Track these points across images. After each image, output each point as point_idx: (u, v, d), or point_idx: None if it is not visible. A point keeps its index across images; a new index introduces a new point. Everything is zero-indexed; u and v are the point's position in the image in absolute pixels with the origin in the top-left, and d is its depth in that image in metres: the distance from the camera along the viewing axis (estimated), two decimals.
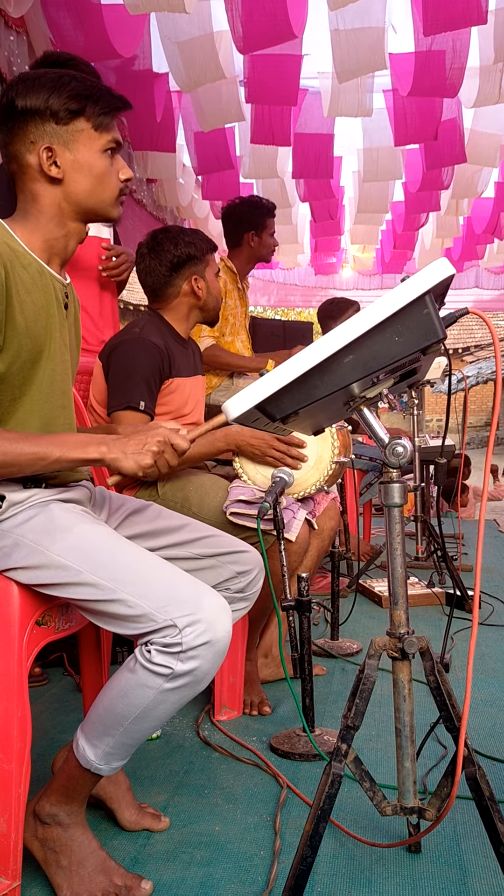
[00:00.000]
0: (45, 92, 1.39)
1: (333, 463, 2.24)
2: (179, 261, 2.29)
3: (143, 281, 2.36)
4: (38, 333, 1.39)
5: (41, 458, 1.33)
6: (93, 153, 1.42)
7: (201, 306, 2.36)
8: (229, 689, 2.21)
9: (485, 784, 1.24)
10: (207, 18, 3.67)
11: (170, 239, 2.30)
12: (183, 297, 2.33)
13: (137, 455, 1.37)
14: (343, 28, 3.68)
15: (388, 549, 1.30)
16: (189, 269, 2.31)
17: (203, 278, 2.33)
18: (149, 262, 2.32)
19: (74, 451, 1.36)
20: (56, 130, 1.40)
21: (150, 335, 2.20)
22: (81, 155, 1.41)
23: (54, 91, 1.39)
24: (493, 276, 7.96)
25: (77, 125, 1.41)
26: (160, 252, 2.30)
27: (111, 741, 1.35)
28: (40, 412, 1.43)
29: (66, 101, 1.39)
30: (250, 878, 1.45)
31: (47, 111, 1.38)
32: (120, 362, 2.18)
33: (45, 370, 1.43)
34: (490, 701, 2.31)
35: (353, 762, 1.29)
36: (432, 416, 23.93)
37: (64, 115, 1.39)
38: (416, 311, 1.11)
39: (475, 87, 4.27)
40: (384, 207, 5.92)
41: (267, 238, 3.49)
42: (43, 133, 1.40)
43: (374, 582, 3.67)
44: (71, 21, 3.31)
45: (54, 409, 1.47)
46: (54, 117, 1.39)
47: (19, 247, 1.40)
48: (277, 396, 1.18)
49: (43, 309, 1.41)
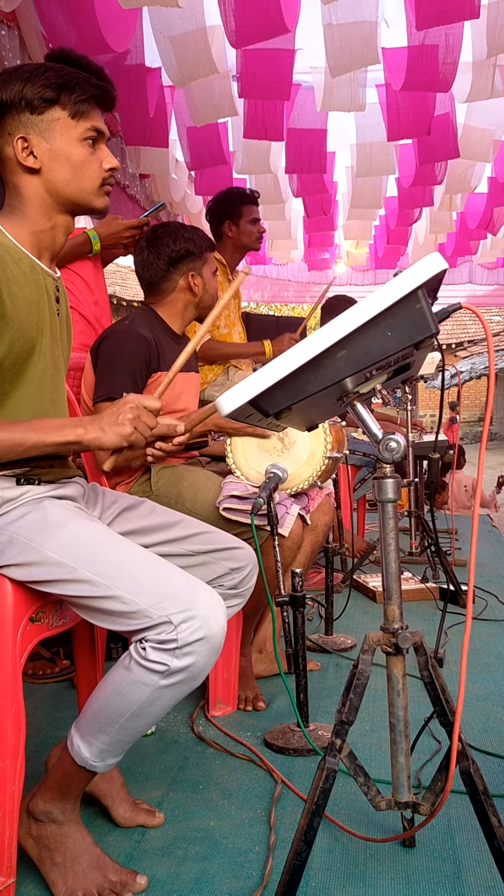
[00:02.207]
0: (20, 83, 1.38)
1: (326, 458, 2.24)
2: (178, 256, 2.30)
3: (140, 274, 2.36)
4: (29, 328, 1.39)
5: (18, 444, 1.32)
6: (70, 142, 1.41)
7: (197, 303, 2.37)
8: (224, 684, 2.21)
9: (479, 778, 1.24)
10: (200, 13, 3.65)
11: (169, 234, 2.31)
12: (179, 293, 2.34)
13: (115, 427, 1.37)
14: (336, 22, 3.66)
15: (381, 545, 1.30)
16: (186, 265, 2.32)
17: (200, 275, 2.33)
18: (147, 256, 2.33)
19: (51, 435, 1.35)
20: (31, 120, 1.39)
21: (138, 327, 2.21)
22: (58, 144, 1.40)
23: (29, 81, 1.38)
24: (487, 272, 7.95)
25: (52, 114, 1.40)
26: (159, 246, 2.31)
27: (106, 738, 1.35)
28: (31, 406, 1.43)
29: (40, 89, 1.38)
30: (245, 873, 1.45)
31: (22, 101, 1.38)
32: (106, 353, 2.18)
33: (37, 365, 1.43)
34: (484, 695, 2.31)
35: (348, 757, 1.29)
36: (426, 412, 23.97)
37: (38, 103, 1.38)
38: (409, 305, 1.11)
39: (468, 81, 4.26)
40: (377, 203, 5.91)
41: (245, 225, 3.47)
42: (19, 124, 1.39)
43: (369, 577, 3.67)
44: (63, 15, 3.28)
45: (45, 403, 1.46)
46: (29, 107, 1.38)
47: (9, 242, 1.39)
48: (270, 392, 1.17)
49: (34, 304, 1.40)
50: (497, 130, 4.95)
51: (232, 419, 1.23)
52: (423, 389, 22.49)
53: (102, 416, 1.39)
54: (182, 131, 4.85)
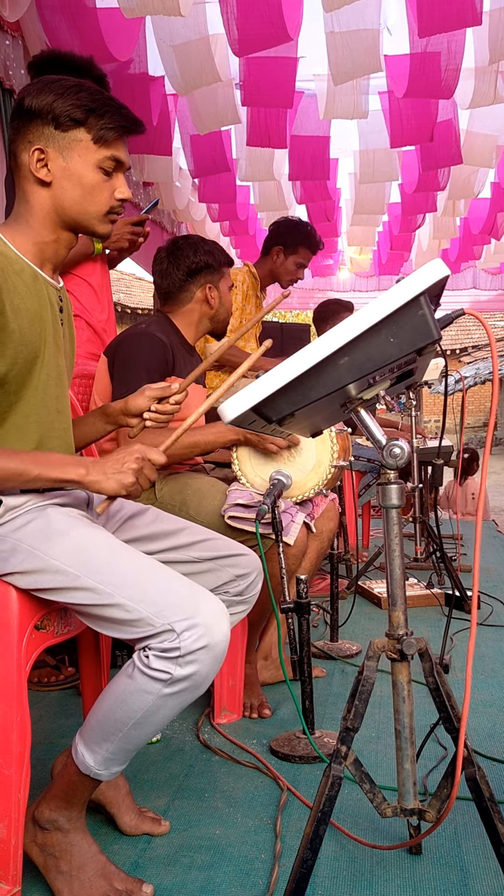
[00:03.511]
0: (53, 96, 1.39)
1: (332, 467, 2.24)
2: (197, 267, 2.33)
3: (157, 283, 2.39)
4: (32, 339, 1.39)
5: (20, 475, 1.34)
6: (86, 165, 1.42)
7: (212, 316, 2.39)
8: (229, 692, 2.21)
9: (485, 785, 1.24)
10: (203, 21, 3.67)
11: (190, 245, 2.35)
12: (195, 304, 2.36)
13: (118, 475, 1.38)
14: (338, 30, 3.67)
15: (386, 551, 1.29)
16: (204, 278, 2.35)
17: (217, 288, 2.36)
18: (166, 266, 2.36)
19: (53, 471, 1.36)
20: (54, 135, 1.40)
21: (156, 331, 2.23)
22: (74, 164, 1.41)
23: (62, 96, 1.39)
24: (490, 277, 7.96)
25: (76, 134, 1.40)
26: (179, 257, 2.34)
27: (110, 747, 1.35)
28: (36, 417, 1.43)
29: (70, 108, 1.39)
30: (251, 881, 1.45)
31: (49, 115, 1.39)
32: (125, 355, 2.19)
33: (41, 375, 1.43)
34: (490, 702, 2.30)
35: (353, 764, 1.29)
36: (430, 417, 23.94)
37: (65, 120, 1.39)
38: (411, 312, 1.11)
39: (471, 88, 4.27)
40: (381, 209, 5.92)
41: (291, 263, 3.47)
42: (41, 135, 1.40)
43: (373, 583, 3.67)
44: (66, 25, 3.31)
45: (50, 413, 1.47)
46: (55, 121, 1.39)
47: (12, 253, 1.40)
48: (273, 398, 1.18)
49: (37, 315, 1.41)
50: (500, 136, 4.96)
51: (235, 425, 1.23)
52: (428, 395, 22.47)
53: (107, 460, 1.40)
54: (185, 139, 4.88)
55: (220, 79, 3.87)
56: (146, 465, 1.41)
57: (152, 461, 1.42)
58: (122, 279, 18.02)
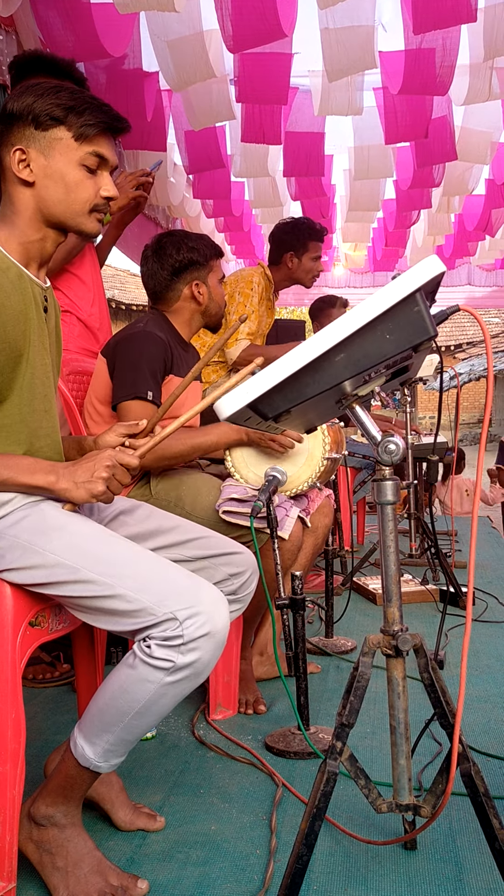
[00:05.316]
0: (32, 97, 1.40)
1: (325, 459, 2.24)
2: (181, 265, 2.30)
3: (145, 284, 2.37)
4: (16, 338, 1.39)
5: None
6: (68, 163, 1.42)
7: (203, 311, 2.37)
8: (224, 687, 2.21)
9: (480, 780, 1.24)
10: (197, 17, 3.65)
11: (173, 243, 2.31)
12: (184, 302, 2.34)
13: (88, 483, 1.38)
14: (333, 27, 3.67)
15: (381, 547, 1.30)
16: (191, 274, 2.31)
17: (205, 283, 2.33)
18: (151, 266, 2.34)
19: (23, 476, 1.37)
20: (35, 135, 1.41)
21: (154, 329, 2.21)
22: (56, 162, 1.41)
23: (41, 97, 1.40)
24: (485, 273, 7.96)
25: (56, 133, 1.41)
26: (163, 256, 2.31)
27: (111, 738, 1.35)
28: (22, 416, 1.43)
29: (49, 107, 1.40)
30: (247, 877, 1.45)
31: (30, 115, 1.40)
32: (126, 354, 2.17)
33: (25, 375, 1.43)
34: (484, 697, 2.31)
35: (349, 760, 1.29)
36: (425, 414, 23.98)
37: (45, 119, 1.40)
38: (407, 308, 1.11)
39: (465, 84, 4.27)
40: (375, 205, 5.92)
41: (308, 262, 3.45)
42: (22, 136, 1.41)
43: (369, 579, 3.67)
44: (60, 20, 3.29)
45: (36, 412, 1.46)
46: (35, 121, 1.40)
47: None
48: (269, 395, 1.18)
49: (21, 313, 1.40)
50: (494, 133, 4.96)
51: (231, 422, 1.23)
52: (423, 391, 22.50)
53: (78, 467, 1.39)
54: (180, 135, 4.87)
55: (214, 75, 3.86)
56: (118, 471, 1.40)
57: (126, 465, 1.42)
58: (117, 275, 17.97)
